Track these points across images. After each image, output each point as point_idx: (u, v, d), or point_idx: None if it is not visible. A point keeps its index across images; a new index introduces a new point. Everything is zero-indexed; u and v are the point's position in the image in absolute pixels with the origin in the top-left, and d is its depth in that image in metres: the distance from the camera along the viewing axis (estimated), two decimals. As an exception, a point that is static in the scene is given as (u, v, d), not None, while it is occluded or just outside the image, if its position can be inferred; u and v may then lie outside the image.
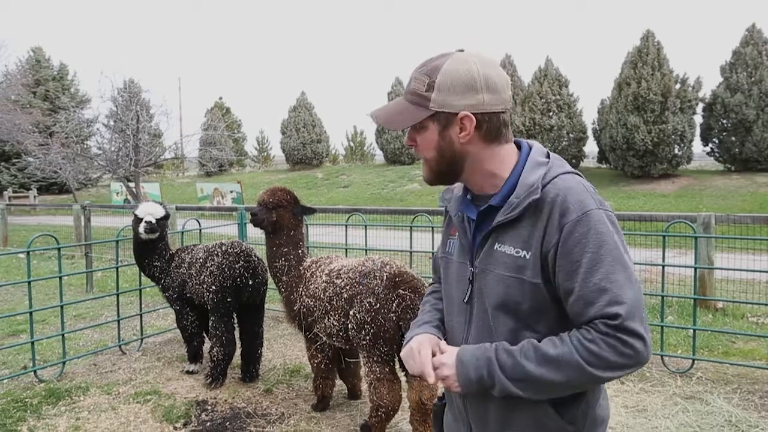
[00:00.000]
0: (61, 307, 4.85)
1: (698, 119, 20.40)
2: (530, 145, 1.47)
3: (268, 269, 4.06)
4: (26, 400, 4.19)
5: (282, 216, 3.86)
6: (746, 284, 6.67)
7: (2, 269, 10.04)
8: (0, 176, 29.52)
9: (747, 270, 5.64)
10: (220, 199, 18.34)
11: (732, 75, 19.61)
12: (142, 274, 4.93)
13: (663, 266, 4.76)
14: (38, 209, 20.90)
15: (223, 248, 4.42)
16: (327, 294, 3.54)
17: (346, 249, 6.01)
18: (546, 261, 1.31)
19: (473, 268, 1.44)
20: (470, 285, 1.45)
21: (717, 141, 20.45)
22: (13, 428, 3.78)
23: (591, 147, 23.64)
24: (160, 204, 4.71)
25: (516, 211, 1.34)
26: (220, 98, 38.84)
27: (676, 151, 19.77)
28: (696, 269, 4.96)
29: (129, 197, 16.66)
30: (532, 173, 1.37)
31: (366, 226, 5.85)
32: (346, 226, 6.02)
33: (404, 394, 3.48)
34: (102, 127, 18.60)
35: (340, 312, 3.45)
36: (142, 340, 5.50)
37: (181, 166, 35.07)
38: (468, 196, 1.50)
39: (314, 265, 3.81)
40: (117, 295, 5.33)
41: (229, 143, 29.85)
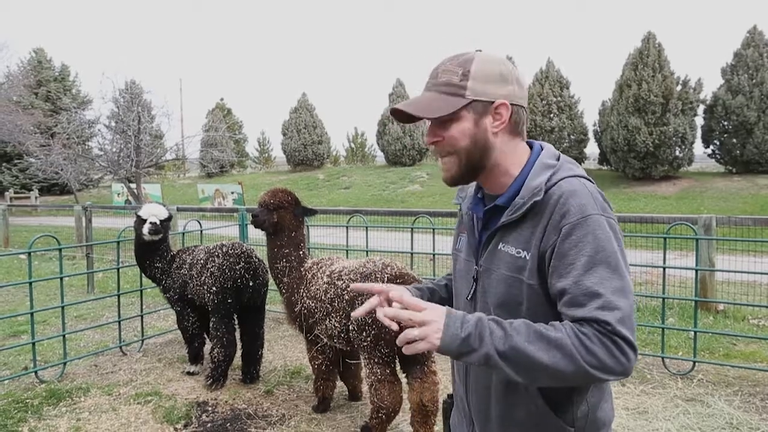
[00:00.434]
0: (62, 308, 4.85)
1: (699, 121, 20.41)
2: (542, 147, 1.47)
3: (269, 270, 4.06)
4: (27, 401, 4.19)
5: (283, 217, 3.86)
6: (747, 286, 6.67)
7: (3, 270, 10.05)
8: (1, 177, 29.57)
9: (748, 272, 5.63)
10: (221, 201, 18.36)
11: (733, 77, 19.60)
12: (143, 275, 4.93)
13: (664, 268, 4.76)
14: (39, 210, 20.92)
15: (224, 249, 4.42)
16: (328, 295, 3.54)
17: (347, 250, 6.02)
18: (543, 261, 1.32)
19: (478, 267, 1.46)
20: (474, 283, 1.48)
21: (718, 143, 20.44)
22: (14, 429, 3.78)
23: (592, 149, 23.67)
24: (163, 205, 4.72)
25: (519, 212, 1.36)
26: (222, 99, 38.85)
27: (677, 153, 19.76)
28: (697, 271, 4.96)
29: (130, 198, 16.68)
30: (538, 176, 1.38)
31: (367, 228, 5.85)
32: (347, 228, 6.02)
33: (405, 396, 3.49)
34: (103, 128, 18.65)
35: (342, 313, 3.45)
36: (143, 341, 5.50)
37: (182, 168, 35.09)
38: (479, 195, 1.53)
39: (315, 267, 3.81)
40: (118, 296, 5.34)
41: (231, 144, 29.88)
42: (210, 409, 4.08)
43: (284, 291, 3.90)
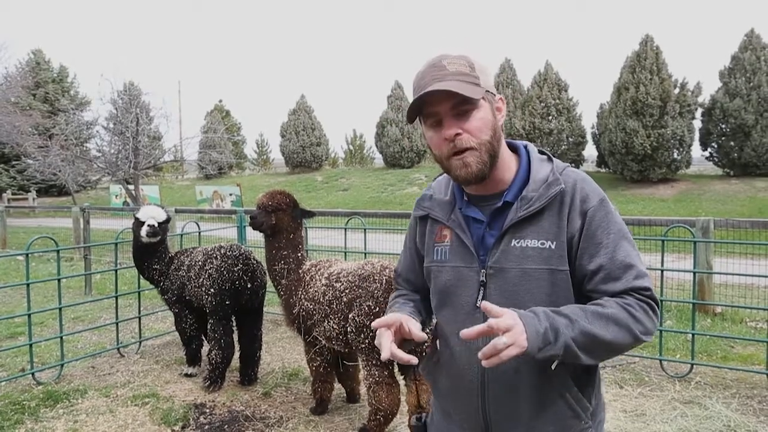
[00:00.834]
0: (60, 310, 4.84)
1: (697, 124, 20.42)
2: (524, 144, 1.52)
3: (268, 272, 4.05)
4: (24, 403, 4.18)
5: (281, 219, 3.86)
6: (745, 289, 6.68)
7: (1, 271, 10.03)
8: (-1, 178, 29.52)
9: (746, 275, 5.62)
10: (220, 202, 18.33)
11: (731, 80, 19.64)
12: (141, 277, 4.93)
13: (662, 271, 4.77)
14: (37, 211, 20.88)
15: (222, 251, 4.42)
16: (326, 297, 3.54)
17: (346, 252, 6.01)
18: (571, 246, 1.37)
19: (487, 270, 1.41)
20: (482, 288, 1.41)
21: (716, 146, 20.47)
22: (11, 431, 3.77)
23: (590, 151, 23.69)
24: (161, 207, 4.71)
25: (538, 204, 1.37)
26: (220, 101, 38.96)
27: (675, 156, 19.79)
28: (695, 274, 4.97)
29: (128, 200, 16.65)
30: (542, 168, 1.44)
31: (365, 230, 5.85)
32: (346, 230, 6.02)
33: (403, 398, 3.48)
34: (101, 130, 18.63)
35: (340, 315, 3.45)
36: (141, 343, 5.49)
37: (181, 169, 35.07)
38: (465, 197, 1.49)
39: (313, 269, 3.81)
40: (116, 298, 5.33)
41: (229, 146, 29.91)
42: (208, 411, 4.07)
43: (282, 293, 3.90)
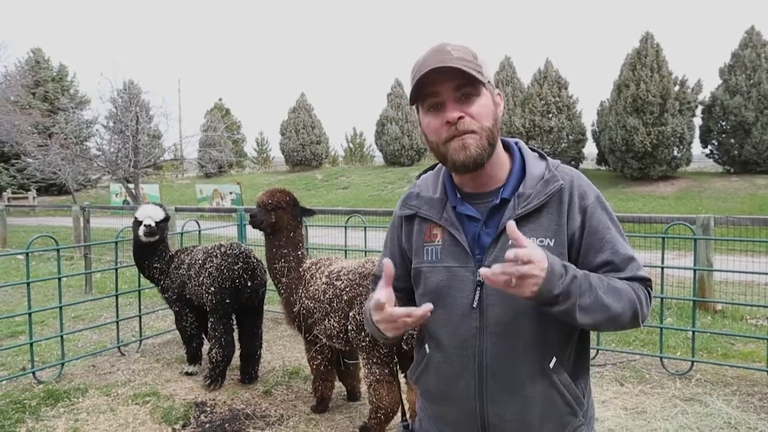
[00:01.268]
0: (60, 309, 4.84)
1: (697, 121, 20.41)
2: (515, 141, 1.51)
3: (268, 271, 4.05)
4: (25, 402, 4.18)
5: (281, 217, 3.86)
6: (745, 286, 6.67)
7: (1, 270, 10.03)
8: (-1, 177, 29.52)
9: (746, 272, 5.64)
10: (220, 201, 18.33)
11: (731, 77, 19.62)
12: (142, 276, 4.93)
13: (662, 268, 4.76)
14: (37, 210, 20.89)
15: (222, 250, 4.42)
16: (327, 296, 3.54)
17: (346, 250, 6.01)
18: (572, 242, 1.37)
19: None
20: (479, 288, 1.37)
21: (716, 143, 20.46)
22: (12, 430, 3.77)
23: (590, 149, 23.67)
24: (160, 206, 4.69)
25: (536, 202, 1.36)
26: (220, 99, 38.85)
27: (676, 153, 19.77)
28: (695, 271, 4.97)
29: (128, 198, 16.66)
30: (537, 165, 1.43)
31: (365, 228, 5.85)
32: (346, 228, 6.01)
33: (404, 396, 3.48)
34: (101, 128, 18.66)
35: (340, 314, 3.45)
36: (141, 342, 5.49)
37: (181, 168, 35.07)
38: (457, 195, 1.44)
39: (314, 267, 3.80)
40: (116, 297, 5.33)
41: (229, 144, 29.87)
42: (208, 410, 4.07)
43: (283, 291, 3.90)
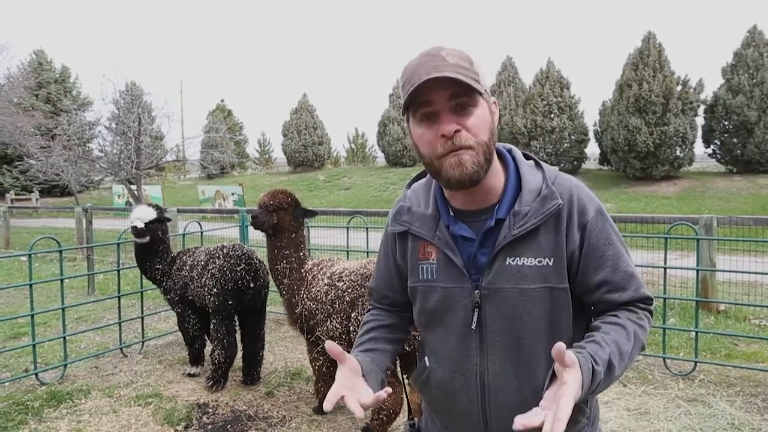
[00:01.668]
0: (63, 310, 4.85)
1: (700, 121, 20.38)
2: (507, 148, 1.40)
3: (270, 272, 4.05)
4: (28, 403, 4.19)
5: (283, 218, 3.86)
6: (748, 286, 6.65)
7: (4, 272, 10.05)
8: (2, 179, 29.57)
9: (749, 272, 5.62)
10: (222, 202, 18.35)
11: (733, 76, 19.59)
12: (144, 277, 4.93)
13: (665, 268, 4.75)
14: (40, 212, 20.94)
15: (225, 251, 4.42)
16: (329, 297, 3.53)
17: (348, 251, 6.01)
18: (571, 261, 1.30)
19: (480, 290, 1.31)
20: (476, 309, 1.32)
21: (719, 143, 20.42)
22: (15, 431, 3.78)
23: (592, 149, 23.65)
24: (155, 207, 4.66)
25: (533, 221, 1.26)
26: (222, 101, 38.85)
27: (678, 153, 19.74)
28: (698, 271, 4.95)
29: (131, 200, 16.68)
30: (532, 177, 1.32)
31: (367, 229, 5.85)
32: (348, 229, 6.01)
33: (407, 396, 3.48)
34: (104, 130, 18.69)
35: (342, 315, 3.45)
36: (144, 343, 5.50)
37: (183, 169, 35.10)
38: (450, 213, 1.35)
39: (316, 268, 3.80)
40: (118, 298, 5.33)
41: (231, 145, 29.89)
42: (211, 411, 4.07)
43: (285, 292, 3.90)
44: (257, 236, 5.02)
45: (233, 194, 18.30)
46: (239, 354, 4.56)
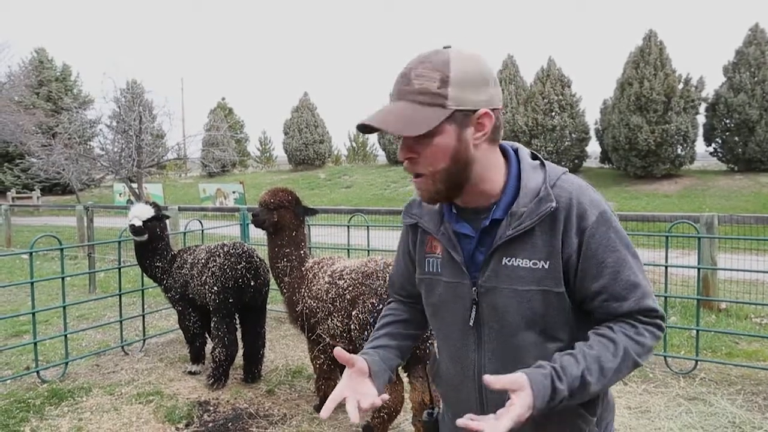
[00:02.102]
0: (64, 308, 4.86)
1: (701, 119, 20.34)
2: (514, 148, 1.38)
3: (270, 270, 4.05)
4: (29, 401, 4.19)
5: (283, 217, 3.86)
6: (750, 285, 6.65)
7: (5, 270, 10.07)
8: (3, 177, 29.64)
9: (750, 270, 5.62)
10: (223, 200, 18.36)
11: (735, 75, 19.55)
12: (145, 275, 4.94)
13: (666, 267, 4.75)
14: (41, 210, 20.98)
15: (225, 249, 4.42)
16: (330, 295, 3.53)
17: (349, 250, 6.01)
18: (568, 266, 1.27)
19: (478, 288, 1.33)
20: (474, 306, 1.34)
21: (720, 141, 20.39)
22: (16, 429, 3.78)
23: (593, 147, 23.64)
24: (153, 205, 4.66)
25: (528, 222, 1.25)
26: (223, 99, 38.88)
27: (679, 152, 19.73)
28: (699, 270, 4.95)
29: (132, 198, 16.67)
30: (533, 178, 1.30)
31: (368, 227, 5.85)
32: (349, 227, 6.01)
33: (407, 395, 3.48)
34: (105, 128, 18.62)
35: (343, 313, 3.45)
36: (145, 341, 5.51)
37: (184, 167, 35.10)
38: (453, 210, 1.37)
39: (316, 266, 3.80)
40: (119, 296, 5.34)
41: (232, 144, 29.91)
42: (212, 409, 4.08)
43: (285, 290, 3.90)
44: (258, 234, 5.03)
45: (234, 192, 18.31)
46: (240, 352, 4.57)
